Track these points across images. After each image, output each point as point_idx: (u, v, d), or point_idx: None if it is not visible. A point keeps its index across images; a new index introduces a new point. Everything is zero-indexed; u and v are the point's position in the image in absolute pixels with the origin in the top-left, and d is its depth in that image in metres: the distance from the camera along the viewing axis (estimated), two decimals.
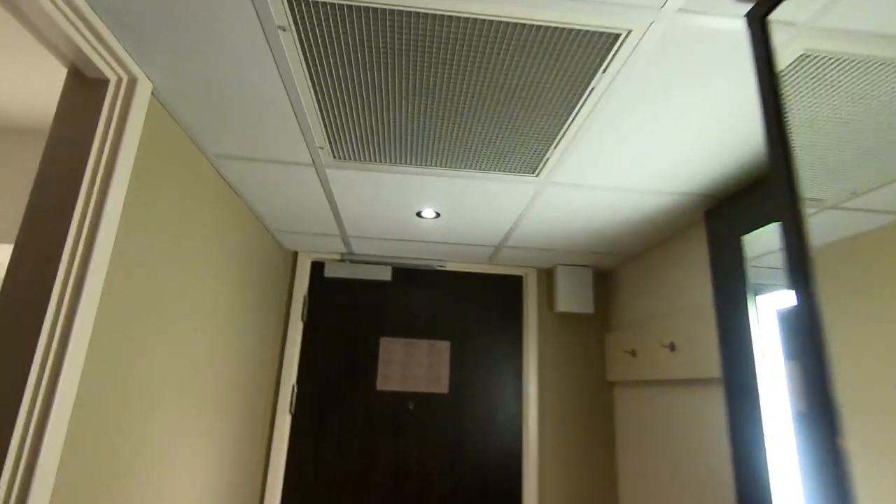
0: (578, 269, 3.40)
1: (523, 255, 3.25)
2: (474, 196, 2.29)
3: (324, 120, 1.71)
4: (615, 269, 3.46)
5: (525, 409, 3.32)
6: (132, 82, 1.46)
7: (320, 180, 2.18)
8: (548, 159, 1.90)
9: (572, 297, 3.34)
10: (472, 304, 3.46)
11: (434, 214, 2.55)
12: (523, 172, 2.04)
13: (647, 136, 1.72)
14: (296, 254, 3.42)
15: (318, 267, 3.43)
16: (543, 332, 3.42)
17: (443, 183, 2.16)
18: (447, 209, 2.47)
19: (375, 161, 2.00)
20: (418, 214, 2.57)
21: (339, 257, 3.44)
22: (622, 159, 1.88)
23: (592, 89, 1.47)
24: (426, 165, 2.02)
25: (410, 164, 2.00)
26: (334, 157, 1.98)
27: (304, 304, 3.34)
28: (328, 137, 1.83)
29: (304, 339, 3.31)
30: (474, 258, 3.39)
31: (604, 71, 1.38)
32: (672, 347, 2.56)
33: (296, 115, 1.69)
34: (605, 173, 2.00)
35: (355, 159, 1.99)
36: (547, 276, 3.55)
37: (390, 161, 1.99)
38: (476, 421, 3.28)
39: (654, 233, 2.66)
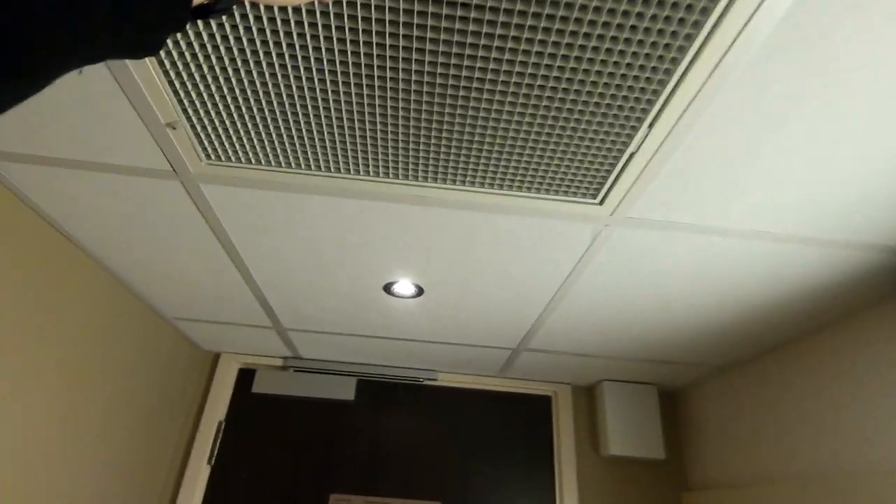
0: (637, 387, 2.27)
1: (552, 365, 2.16)
2: (481, 246, 1.29)
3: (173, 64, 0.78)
4: (698, 388, 2.32)
5: None
6: None
7: (194, 202, 1.20)
8: (623, 171, 0.94)
9: (629, 433, 2.16)
10: (477, 440, 2.28)
11: (414, 289, 1.53)
12: (576, 196, 1.06)
13: (826, 133, 0.77)
14: (217, 357, 2.33)
15: (246, 377, 2.32)
16: (587, 489, 2.19)
17: (425, 219, 1.18)
18: (435, 277, 1.46)
19: (289, 167, 1.04)
20: (387, 289, 1.55)
21: (280, 363, 2.34)
22: (768, 178, 0.91)
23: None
24: (391, 178, 1.05)
25: (365, 174, 1.04)
26: (206, 152, 1.03)
27: (216, 435, 2.17)
28: (186, 105, 0.89)
29: (210, 493, 2.09)
30: (479, 367, 2.28)
31: None
32: None
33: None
34: (728, 204, 1.02)
35: (244, 159, 1.04)
36: (587, 398, 2.40)
37: (323, 167, 1.03)
38: None
39: (800, 317, 1.60)
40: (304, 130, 0.94)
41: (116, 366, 1.68)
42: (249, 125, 0.94)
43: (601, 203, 1.07)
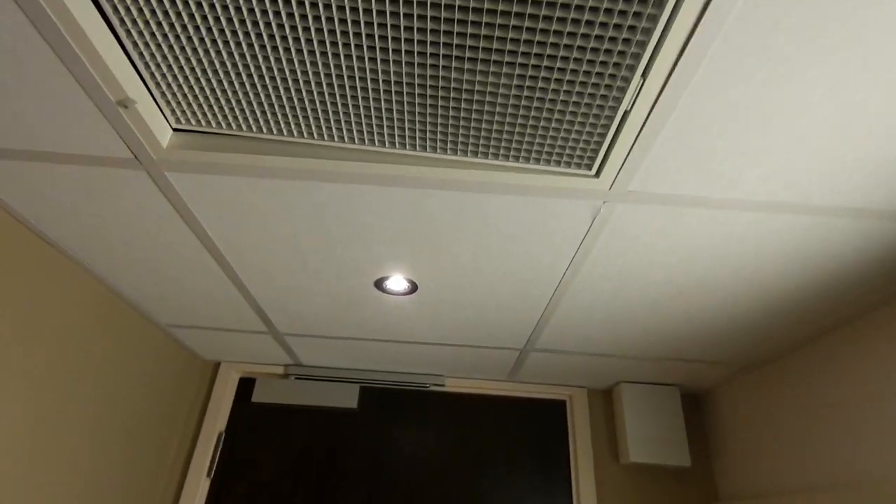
0: (657, 389, 2.12)
1: (564, 366, 2.03)
2: (472, 234, 1.19)
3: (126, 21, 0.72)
4: (725, 388, 2.16)
5: None
6: None
7: (164, 195, 1.14)
8: (618, 133, 0.83)
9: (651, 439, 2.01)
10: (488, 449, 2.15)
11: (407, 285, 1.44)
12: (569, 166, 0.96)
13: (853, 79, 0.66)
14: (217, 366, 2.27)
15: (246, 386, 2.25)
16: (607, 499, 2.04)
17: (409, 203, 1.09)
18: (427, 270, 1.36)
19: (260, 131, 0.96)
20: (379, 285, 1.46)
21: (281, 371, 2.27)
22: (786, 137, 0.79)
23: None
24: (367, 144, 0.97)
25: (339, 139, 0.96)
26: (175, 116, 0.96)
27: (216, 446, 2.09)
28: (148, 63, 0.83)
29: None
30: (488, 371, 2.17)
31: None
32: None
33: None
34: (742, 172, 0.90)
35: (214, 123, 0.97)
36: (604, 401, 2.25)
37: (296, 131, 0.96)
38: None
39: (840, 301, 1.45)
40: (271, 89, 0.86)
41: (107, 375, 1.62)
42: (214, 82, 0.86)
43: (597, 175, 0.96)
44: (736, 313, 1.47)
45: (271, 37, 0.75)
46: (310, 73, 0.80)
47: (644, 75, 0.75)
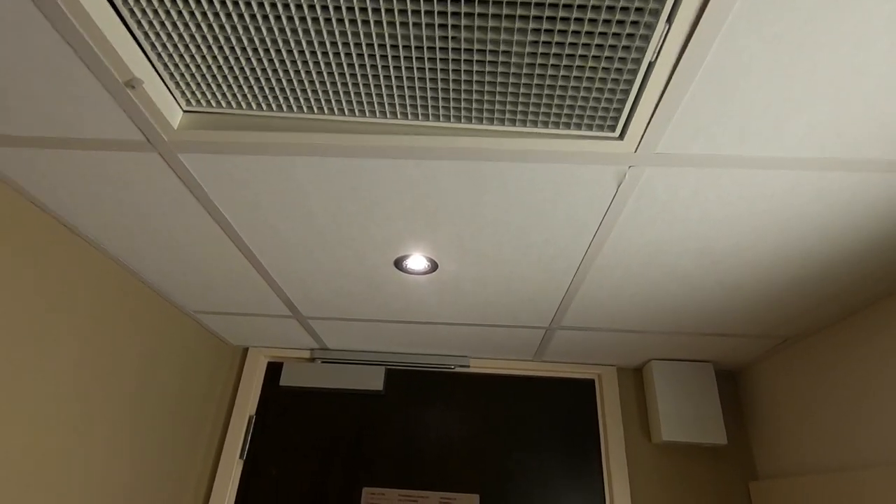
0: (690, 366, 2.05)
1: (592, 344, 1.97)
2: (492, 207, 1.15)
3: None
4: (764, 363, 2.08)
5: None
6: None
7: (178, 176, 1.13)
8: (643, 89, 0.77)
9: (684, 417, 1.95)
10: (516, 430, 2.13)
11: (427, 263, 1.41)
12: (591, 129, 0.90)
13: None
14: (245, 351, 2.31)
15: (275, 370, 2.28)
16: (639, 478, 1.99)
17: (425, 176, 1.05)
18: (447, 247, 1.33)
19: (270, 109, 0.94)
20: (399, 265, 1.43)
21: (308, 355, 2.29)
22: (834, 82, 0.72)
23: None
24: (379, 117, 0.93)
25: (350, 113, 0.93)
26: (185, 97, 0.95)
27: (247, 429, 2.13)
28: (155, 43, 0.81)
29: (243, 488, 2.06)
30: (512, 351, 2.13)
31: None
32: None
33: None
34: (782, 125, 0.83)
35: (224, 103, 0.95)
36: (635, 380, 2.19)
37: (306, 106, 0.93)
38: None
39: (893, 266, 1.36)
40: (278, 64, 0.83)
41: (141, 363, 1.66)
42: (220, 60, 0.84)
43: (621, 136, 0.90)
44: (777, 283, 1.39)
45: (276, 12, 0.71)
46: (316, 43, 0.77)
47: (670, 20, 0.69)
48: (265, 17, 0.74)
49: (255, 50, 0.80)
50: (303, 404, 2.19)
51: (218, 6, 0.72)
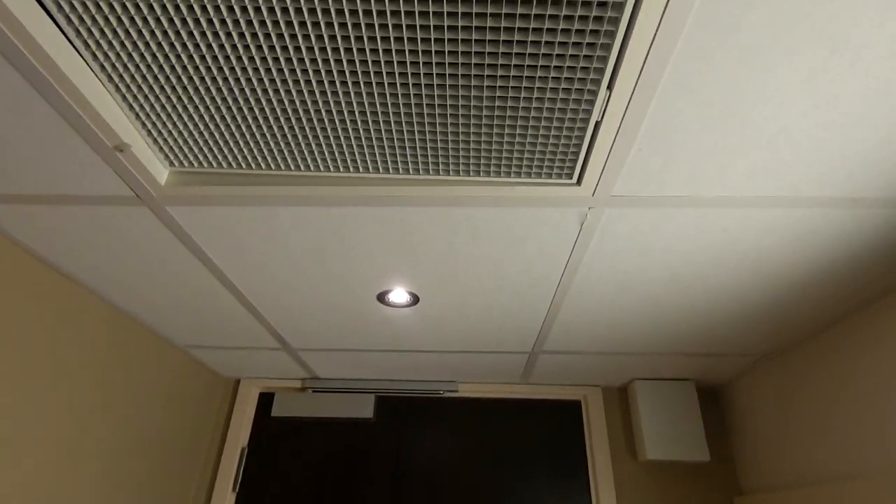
0: (672, 384, 2.10)
1: (576, 366, 2.03)
2: (465, 245, 1.21)
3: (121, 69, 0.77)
4: (743, 380, 2.14)
5: None
6: None
7: (168, 228, 1.19)
8: (593, 143, 0.84)
9: (668, 435, 2.00)
10: (505, 452, 2.16)
11: (409, 297, 1.47)
12: (550, 177, 0.97)
13: (825, 67, 0.65)
14: (237, 383, 2.34)
15: (266, 400, 2.31)
16: (626, 497, 2.03)
17: (401, 220, 1.12)
18: (426, 282, 1.39)
19: (249, 167, 1.01)
20: (382, 299, 1.49)
21: (299, 385, 2.32)
22: (765, 130, 0.79)
23: None
24: (352, 172, 1.00)
25: (324, 169, 1.00)
26: (168, 159, 1.01)
27: (239, 460, 2.16)
28: (143, 106, 0.87)
29: None
30: (500, 375, 2.18)
31: None
32: None
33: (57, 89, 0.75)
34: (725, 169, 0.90)
35: (206, 162, 1.01)
36: (620, 399, 2.24)
37: (291, 163, 1.00)
38: None
39: (851, 287, 1.43)
40: (264, 127, 0.90)
41: (133, 398, 1.69)
42: (201, 126, 0.91)
43: (579, 182, 0.98)
44: (744, 305, 1.46)
45: (258, 75, 0.78)
46: (298, 103, 0.84)
47: (610, 87, 0.76)
48: (248, 81, 0.80)
49: (235, 116, 0.87)
50: (294, 434, 2.22)
51: (198, 81, 0.79)
